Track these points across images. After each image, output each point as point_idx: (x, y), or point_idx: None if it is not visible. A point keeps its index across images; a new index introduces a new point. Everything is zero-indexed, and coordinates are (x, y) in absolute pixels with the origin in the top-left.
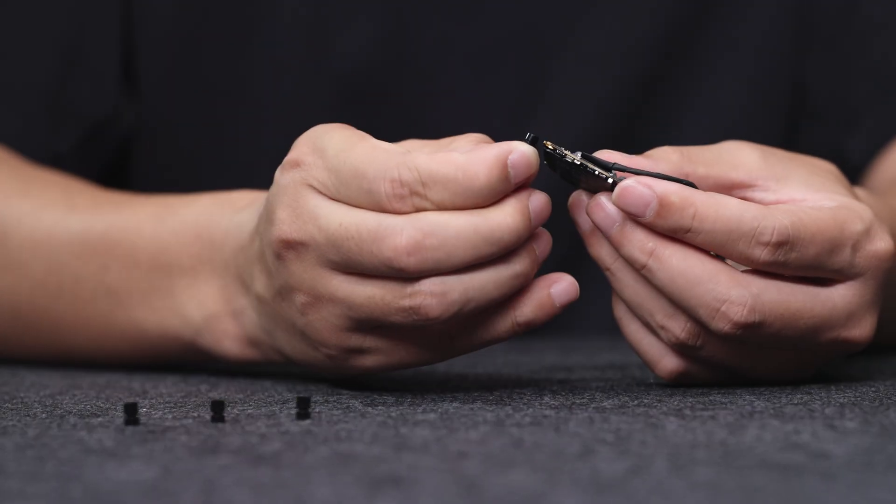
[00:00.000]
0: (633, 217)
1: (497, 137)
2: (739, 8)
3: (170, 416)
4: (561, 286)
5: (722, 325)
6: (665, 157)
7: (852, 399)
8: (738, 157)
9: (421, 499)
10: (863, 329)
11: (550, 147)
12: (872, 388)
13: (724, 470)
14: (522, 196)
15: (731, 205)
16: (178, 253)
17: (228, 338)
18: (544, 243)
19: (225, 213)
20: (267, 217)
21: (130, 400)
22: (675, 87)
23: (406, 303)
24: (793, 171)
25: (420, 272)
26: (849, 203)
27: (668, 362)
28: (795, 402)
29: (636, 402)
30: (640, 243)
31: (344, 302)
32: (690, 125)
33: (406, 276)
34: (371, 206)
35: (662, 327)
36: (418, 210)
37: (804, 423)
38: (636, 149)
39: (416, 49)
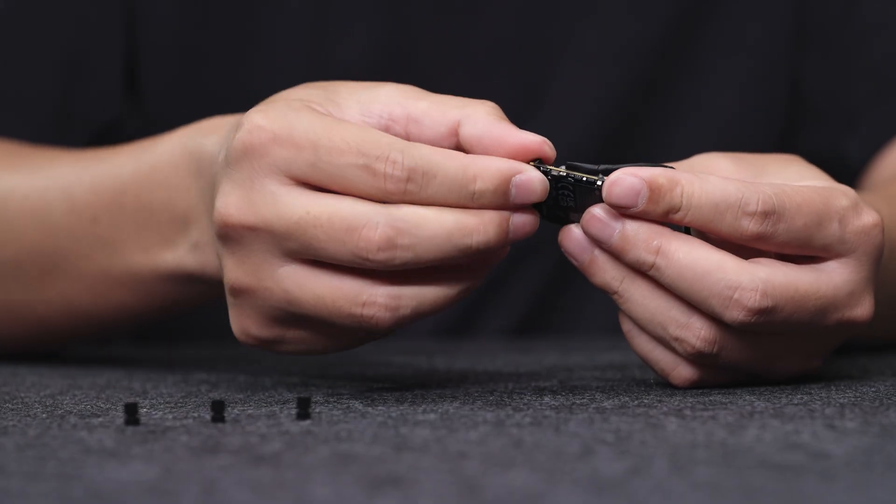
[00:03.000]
0: (624, 209)
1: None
2: (738, 10)
3: (170, 416)
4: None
5: (736, 314)
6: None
7: (852, 399)
8: (709, 168)
9: (421, 499)
10: (864, 308)
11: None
12: (872, 388)
13: (724, 470)
14: (506, 213)
15: (715, 180)
16: (161, 188)
17: (209, 257)
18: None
19: (198, 135)
20: (212, 189)
21: (131, 400)
22: (675, 89)
23: (357, 311)
24: (765, 169)
25: (386, 269)
26: (832, 183)
27: (681, 371)
28: (795, 402)
29: (636, 402)
30: (644, 243)
31: (286, 295)
32: (690, 127)
33: (368, 267)
34: (357, 185)
35: (677, 339)
36: (407, 195)
37: (804, 423)
38: (637, 150)
39: (416, 54)
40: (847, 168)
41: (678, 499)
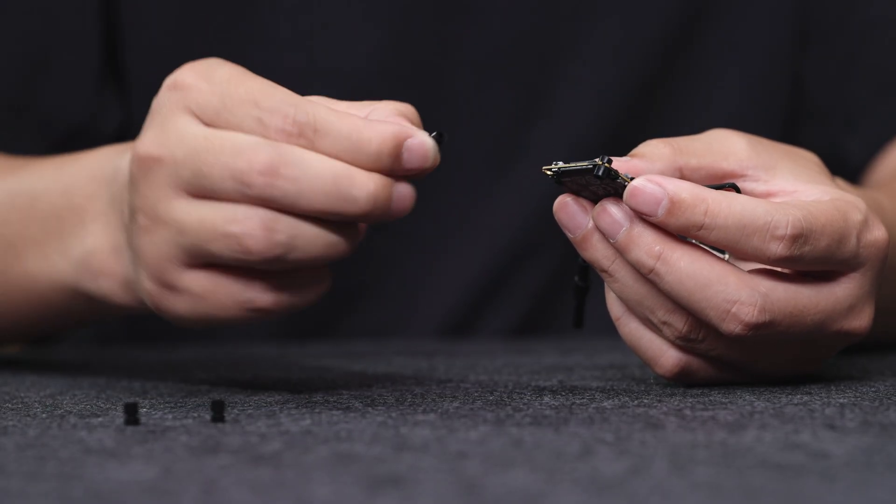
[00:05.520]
0: (644, 216)
1: (500, 142)
2: (739, 9)
3: (170, 416)
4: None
5: (733, 327)
6: (657, 152)
7: (852, 399)
8: (726, 145)
9: (421, 499)
10: (862, 320)
11: (550, 172)
12: (872, 388)
13: (724, 470)
14: (392, 180)
15: (743, 200)
16: (72, 195)
17: (105, 275)
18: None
19: (123, 153)
20: (122, 197)
21: (130, 400)
22: (677, 89)
23: (232, 228)
24: (779, 161)
25: (263, 196)
26: (842, 194)
27: (668, 358)
28: (795, 402)
29: (636, 402)
30: (647, 247)
31: (177, 224)
32: (691, 126)
33: (249, 196)
34: (251, 133)
35: (665, 323)
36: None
37: (804, 423)
38: None
39: (419, 55)
40: (847, 167)
41: (678, 499)
